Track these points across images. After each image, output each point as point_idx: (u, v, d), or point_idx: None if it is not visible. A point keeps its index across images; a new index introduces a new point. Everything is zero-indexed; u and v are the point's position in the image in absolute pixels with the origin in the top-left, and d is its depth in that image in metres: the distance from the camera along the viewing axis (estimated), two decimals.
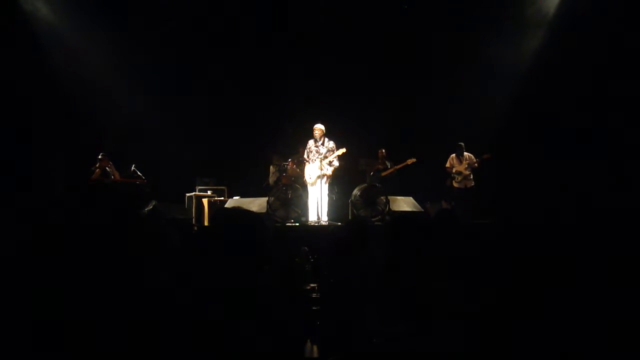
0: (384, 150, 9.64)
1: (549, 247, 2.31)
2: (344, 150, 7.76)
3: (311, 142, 7.94)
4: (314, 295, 2.88)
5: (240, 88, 10.31)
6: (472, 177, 9.16)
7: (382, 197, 8.08)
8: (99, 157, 8.54)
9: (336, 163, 7.82)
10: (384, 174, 9.40)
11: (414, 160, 9.22)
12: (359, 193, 8.17)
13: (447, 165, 9.35)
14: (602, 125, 8.44)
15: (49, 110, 9.21)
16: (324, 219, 7.74)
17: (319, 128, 7.86)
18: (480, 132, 9.50)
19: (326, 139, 7.86)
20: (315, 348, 2.40)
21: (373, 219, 7.84)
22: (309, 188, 7.92)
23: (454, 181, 9.27)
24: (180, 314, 1.83)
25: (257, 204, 8.13)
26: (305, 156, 7.99)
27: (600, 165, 8.24)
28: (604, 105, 8.46)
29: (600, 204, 7.19)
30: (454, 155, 9.30)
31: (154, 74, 9.51)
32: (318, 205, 7.73)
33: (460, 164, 9.25)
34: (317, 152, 7.84)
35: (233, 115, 10.30)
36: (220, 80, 10.15)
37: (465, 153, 9.22)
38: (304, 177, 8.05)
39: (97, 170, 8.50)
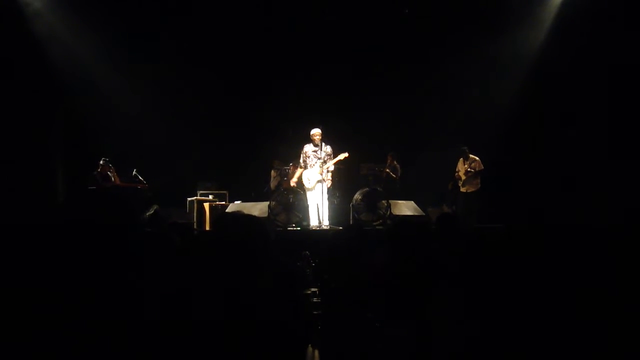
0: (393, 154, 9.68)
1: (552, 250, 2.30)
2: (346, 155, 7.76)
3: (308, 147, 7.92)
4: (315, 299, 2.87)
5: (241, 92, 10.34)
6: (475, 181, 9.08)
7: (383, 201, 8.07)
8: (100, 162, 8.55)
9: (332, 167, 7.84)
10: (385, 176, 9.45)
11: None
12: (360, 197, 8.17)
13: (456, 169, 9.32)
14: (606, 125, 8.42)
15: (49, 112, 9.24)
16: (325, 224, 7.74)
17: (319, 133, 7.86)
18: (482, 133, 9.50)
19: (323, 144, 7.85)
20: (316, 353, 2.40)
21: (374, 223, 7.84)
22: (308, 193, 7.91)
23: (460, 185, 9.24)
24: (180, 317, 1.83)
25: (258, 209, 8.13)
26: (301, 161, 7.96)
27: (604, 165, 8.23)
28: (609, 105, 8.43)
29: (605, 207, 7.21)
30: (461, 159, 9.25)
31: (156, 76, 9.54)
32: (318, 210, 7.72)
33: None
34: (315, 157, 7.83)
35: (234, 119, 10.32)
36: (221, 84, 10.17)
37: (471, 156, 9.15)
38: (296, 180, 8.04)
39: (99, 171, 8.51)
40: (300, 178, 8.00)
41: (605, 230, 2.58)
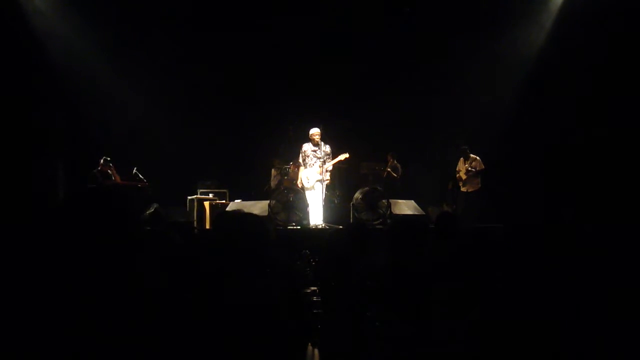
0: (393, 154, 9.69)
1: (551, 250, 2.30)
2: (346, 155, 7.78)
3: (307, 146, 7.95)
4: (315, 298, 2.87)
5: (242, 91, 10.34)
6: (476, 181, 9.07)
7: (383, 201, 8.07)
8: (101, 161, 8.56)
9: (330, 167, 7.87)
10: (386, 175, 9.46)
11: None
12: (360, 196, 8.16)
13: (457, 169, 9.32)
14: (607, 124, 8.41)
15: (48, 111, 9.24)
16: (325, 223, 7.77)
17: (318, 133, 7.88)
18: (484, 133, 9.50)
19: (323, 143, 7.88)
20: (316, 352, 2.40)
21: (374, 222, 7.83)
22: (307, 192, 7.93)
23: (461, 185, 9.24)
24: (180, 316, 1.83)
25: (258, 207, 8.12)
26: (301, 160, 7.98)
27: (604, 165, 8.22)
28: (610, 105, 8.42)
29: (605, 207, 7.21)
30: (462, 159, 9.24)
31: (156, 75, 9.55)
32: (315, 209, 7.77)
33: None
34: (314, 156, 7.85)
35: (235, 118, 10.32)
36: (221, 83, 10.18)
37: (471, 156, 9.15)
38: (300, 180, 8.06)
39: (99, 169, 8.53)
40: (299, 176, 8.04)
41: (605, 230, 2.58)
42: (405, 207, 8.46)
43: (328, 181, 7.89)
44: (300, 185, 8.02)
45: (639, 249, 2.29)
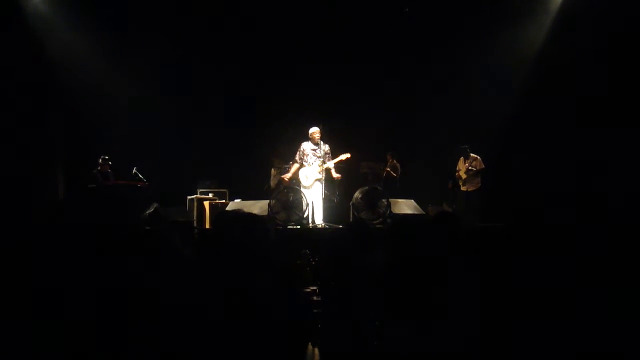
0: (393, 153, 9.68)
1: (550, 248, 2.30)
2: (348, 155, 7.79)
3: (307, 145, 7.95)
4: (314, 298, 2.87)
5: (241, 90, 10.34)
6: (476, 180, 9.07)
7: (383, 200, 8.07)
8: (100, 160, 8.56)
9: (332, 166, 7.88)
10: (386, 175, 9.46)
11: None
12: (360, 196, 8.16)
13: (457, 168, 9.32)
14: (607, 123, 8.41)
15: (48, 111, 9.24)
16: (324, 222, 7.78)
17: (317, 131, 7.89)
18: (483, 132, 9.49)
19: (322, 142, 7.89)
20: (316, 351, 2.40)
21: (374, 222, 7.83)
22: (305, 191, 7.93)
23: (461, 184, 9.24)
24: (180, 315, 1.83)
25: (258, 207, 8.12)
26: (297, 158, 7.99)
27: (604, 165, 8.22)
28: (611, 103, 8.41)
29: (603, 205, 7.21)
30: (462, 158, 9.25)
31: (155, 75, 9.55)
32: (314, 208, 7.77)
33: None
34: (314, 155, 7.86)
35: (234, 117, 10.32)
36: (221, 83, 10.18)
37: (471, 155, 9.15)
38: (299, 178, 8.07)
39: (99, 169, 8.53)
40: (296, 175, 8.03)
41: (605, 230, 2.58)
42: (405, 206, 8.46)
43: (323, 180, 7.88)
44: (287, 180, 8.00)
45: (638, 249, 2.29)
